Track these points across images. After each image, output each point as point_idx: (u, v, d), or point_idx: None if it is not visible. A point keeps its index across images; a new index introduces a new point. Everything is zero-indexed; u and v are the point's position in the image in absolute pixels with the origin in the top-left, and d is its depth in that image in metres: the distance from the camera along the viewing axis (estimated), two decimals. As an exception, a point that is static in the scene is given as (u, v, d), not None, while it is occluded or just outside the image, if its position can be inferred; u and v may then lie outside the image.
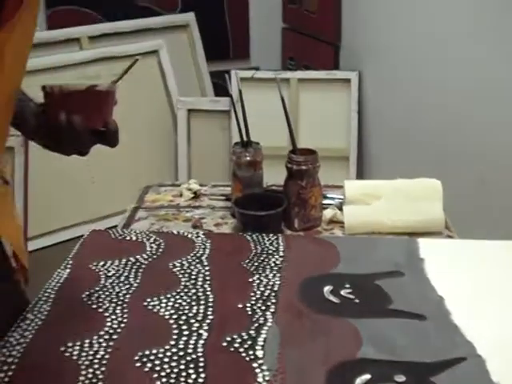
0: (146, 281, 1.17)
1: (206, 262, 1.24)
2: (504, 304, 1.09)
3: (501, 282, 1.16)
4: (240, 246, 1.30)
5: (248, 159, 1.47)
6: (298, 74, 3.34)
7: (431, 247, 1.29)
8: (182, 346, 0.98)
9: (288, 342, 0.99)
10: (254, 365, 0.93)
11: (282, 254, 1.27)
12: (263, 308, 1.08)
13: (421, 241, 1.31)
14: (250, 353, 0.96)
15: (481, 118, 2.25)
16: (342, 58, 3.41)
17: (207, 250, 1.29)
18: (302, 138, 3.07)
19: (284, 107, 1.49)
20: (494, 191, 2.21)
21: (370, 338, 0.99)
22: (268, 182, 1.60)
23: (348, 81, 3.23)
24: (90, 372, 0.93)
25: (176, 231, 1.39)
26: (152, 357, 0.96)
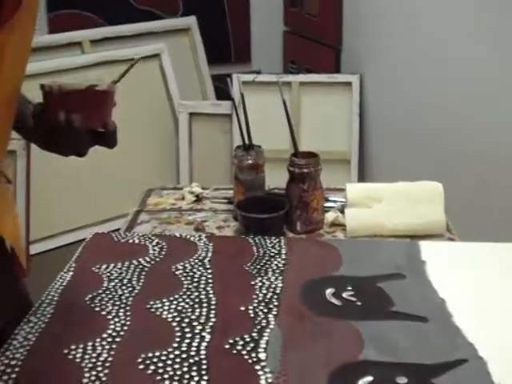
0: (149, 284, 1.18)
1: (208, 265, 1.24)
2: (505, 306, 1.09)
3: (502, 285, 1.16)
4: (242, 249, 1.31)
5: (250, 162, 1.48)
6: (300, 78, 3.34)
7: (432, 250, 1.29)
8: (184, 348, 0.99)
9: (290, 345, 0.99)
10: (257, 367, 0.94)
11: (284, 256, 1.27)
12: (265, 311, 1.08)
13: (422, 243, 1.32)
14: (253, 355, 0.96)
15: (481, 121, 2.25)
16: (343, 61, 3.41)
17: (209, 253, 1.29)
18: (304, 141, 3.07)
19: (286, 110, 1.49)
20: (495, 192, 2.21)
21: (372, 340, 0.99)
22: (270, 185, 1.60)
23: (349, 84, 3.24)
24: (93, 374, 0.93)
25: (178, 234, 1.40)
26: (155, 359, 0.96)
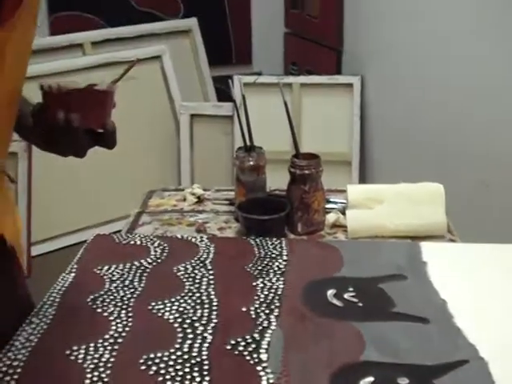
0: (151, 285, 1.18)
1: (209, 266, 1.24)
2: (506, 307, 1.09)
3: (503, 286, 1.16)
4: (243, 250, 1.31)
5: (251, 164, 1.48)
6: (301, 79, 3.35)
7: (434, 251, 1.29)
8: (186, 349, 0.99)
9: (292, 346, 0.99)
10: (258, 368, 0.94)
11: (285, 257, 1.27)
12: (267, 311, 1.08)
13: (423, 244, 1.32)
14: (255, 356, 0.97)
15: (483, 122, 2.26)
16: (344, 62, 3.42)
17: (211, 254, 1.29)
18: (305, 143, 3.08)
19: (287, 112, 1.49)
20: (496, 193, 2.22)
21: (374, 341, 0.99)
22: (271, 186, 1.60)
23: (350, 85, 3.24)
24: (95, 375, 0.93)
25: (180, 235, 1.40)
26: (157, 360, 0.96)
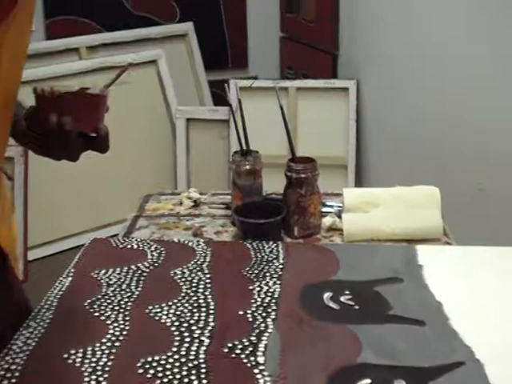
0: (148, 289, 1.18)
1: (206, 270, 1.25)
2: (502, 309, 1.10)
3: (499, 288, 1.17)
4: (240, 254, 1.31)
5: (247, 168, 1.48)
6: (297, 83, 3.36)
7: (429, 254, 1.30)
8: (183, 352, 0.99)
9: (289, 348, 1.00)
10: (256, 371, 0.94)
11: (281, 261, 1.28)
12: (264, 315, 1.09)
13: (419, 247, 1.33)
14: (252, 359, 0.97)
15: (479, 126, 2.26)
16: (339, 66, 3.43)
17: (208, 258, 1.30)
18: (301, 147, 3.08)
19: (283, 116, 1.50)
20: (492, 198, 2.22)
21: (370, 344, 1.00)
22: (267, 190, 1.60)
23: (346, 89, 3.25)
24: (92, 379, 0.93)
25: (177, 239, 1.40)
26: (154, 363, 0.96)
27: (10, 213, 1.17)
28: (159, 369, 0.95)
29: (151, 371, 0.95)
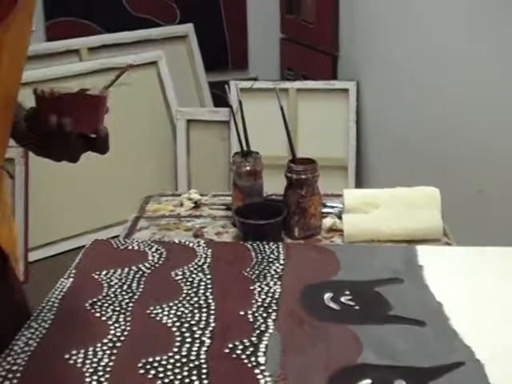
0: (149, 289, 1.19)
1: (207, 271, 1.25)
2: (502, 309, 1.10)
3: (499, 288, 1.17)
4: (241, 255, 1.31)
5: (248, 169, 1.49)
6: (297, 84, 3.36)
7: (430, 254, 1.30)
8: (184, 353, 0.99)
9: (289, 349, 1.00)
10: (256, 371, 0.95)
11: (282, 262, 1.28)
12: (264, 315, 1.09)
13: (419, 248, 1.33)
14: (252, 359, 0.97)
15: (479, 127, 2.27)
16: (340, 68, 3.43)
17: (208, 259, 1.30)
18: (301, 148, 3.08)
19: (283, 117, 1.50)
20: (492, 200, 2.22)
21: (370, 344, 1.00)
22: (268, 191, 1.61)
23: (346, 91, 3.26)
24: (94, 379, 0.94)
25: (177, 240, 1.41)
26: (155, 364, 0.97)
27: (10, 214, 1.17)
28: (160, 369, 0.96)
29: (152, 371, 0.95)
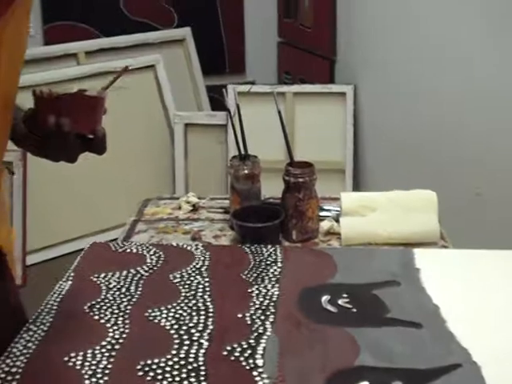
0: (147, 292, 1.19)
1: (205, 274, 1.25)
2: (499, 312, 1.11)
3: (495, 291, 1.17)
4: (239, 258, 1.32)
5: (246, 172, 1.49)
6: (294, 88, 3.37)
7: (426, 257, 1.30)
8: (183, 355, 1.00)
9: (287, 351, 1.00)
10: (254, 373, 0.95)
11: (280, 265, 1.29)
12: (262, 318, 1.09)
13: (416, 251, 1.33)
14: (250, 361, 0.98)
15: (476, 130, 2.27)
16: (337, 71, 3.44)
17: (206, 262, 1.30)
18: (299, 152, 3.08)
19: (281, 121, 1.51)
20: (489, 203, 2.23)
21: (368, 346, 1.00)
22: (265, 194, 1.61)
23: (343, 94, 3.26)
24: (93, 381, 0.94)
25: (175, 243, 1.41)
26: (154, 366, 0.97)
27: (7, 216, 1.18)
28: (159, 371, 0.96)
29: (151, 374, 0.96)
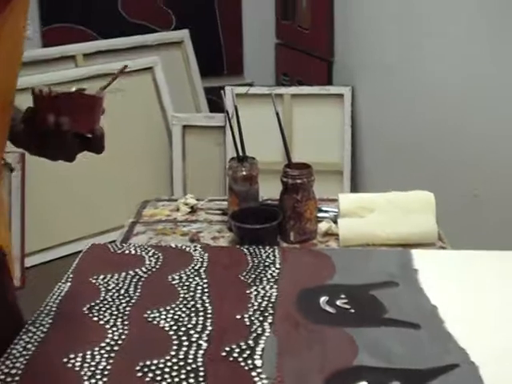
0: (146, 293, 1.19)
1: (203, 275, 1.26)
2: (496, 312, 1.11)
3: (493, 291, 1.18)
4: (237, 259, 1.32)
5: (244, 174, 1.49)
6: (292, 90, 3.37)
7: (424, 258, 1.31)
8: (182, 356, 1.00)
9: (286, 351, 1.01)
10: (253, 374, 0.95)
11: (278, 266, 1.29)
12: (261, 319, 1.10)
13: (414, 252, 1.34)
14: (249, 362, 0.98)
15: (474, 131, 2.28)
16: (335, 73, 3.44)
17: (205, 263, 1.31)
18: (296, 153, 3.08)
19: (279, 122, 1.51)
20: (487, 204, 2.23)
21: (366, 347, 1.01)
22: (263, 196, 1.62)
23: (341, 96, 3.26)
24: (92, 382, 0.94)
25: (174, 245, 1.42)
26: (153, 367, 0.97)
27: (6, 213, 1.18)
28: (158, 372, 0.96)
29: (150, 375, 0.96)
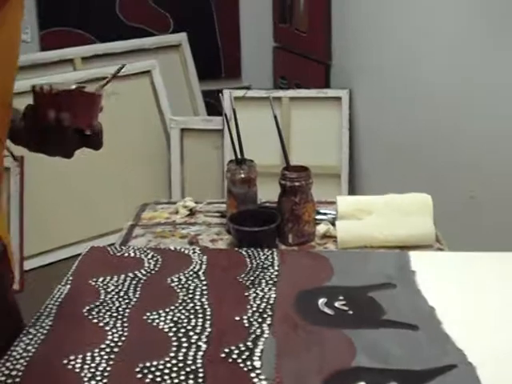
0: (145, 295, 1.20)
1: (202, 277, 1.26)
2: (494, 313, 1.12)
3: (490, 293, 1.19)
4: (236, 261, 1.33)
5: (242, 176, 1.50)
6: (290, 93, 3.38)
7: (422, 260, 1.31)
8: (181, 357, 1.01)
9: (284, 353, 1.01)
10: (252, 375, 0.96)
11: (276, 268, 1.29)
12: (260, 320, 1.10)
13: (412, 254, 1.34)
14: (248, 363, 0.99)
15: (471, 134, 2.28)
16: (332, 76, 3.45)
17: (204, 266, 1.31)
18: (294, 156, 3.09)
19: (277, 125, 1.52)
20: (484, 206, 2.24)
21: (364, 348, 1.01)
22: (262, 198, 1.62)
23: (339, 99, 3.27)
24: (92, 384, 0.95)
25: (173, 247, 1.42)
26: (153, 369, 0.98)
27: (4, 207, 1.19)
28: (157, 374, 0.97)
29: (150, 376, 0.96)
